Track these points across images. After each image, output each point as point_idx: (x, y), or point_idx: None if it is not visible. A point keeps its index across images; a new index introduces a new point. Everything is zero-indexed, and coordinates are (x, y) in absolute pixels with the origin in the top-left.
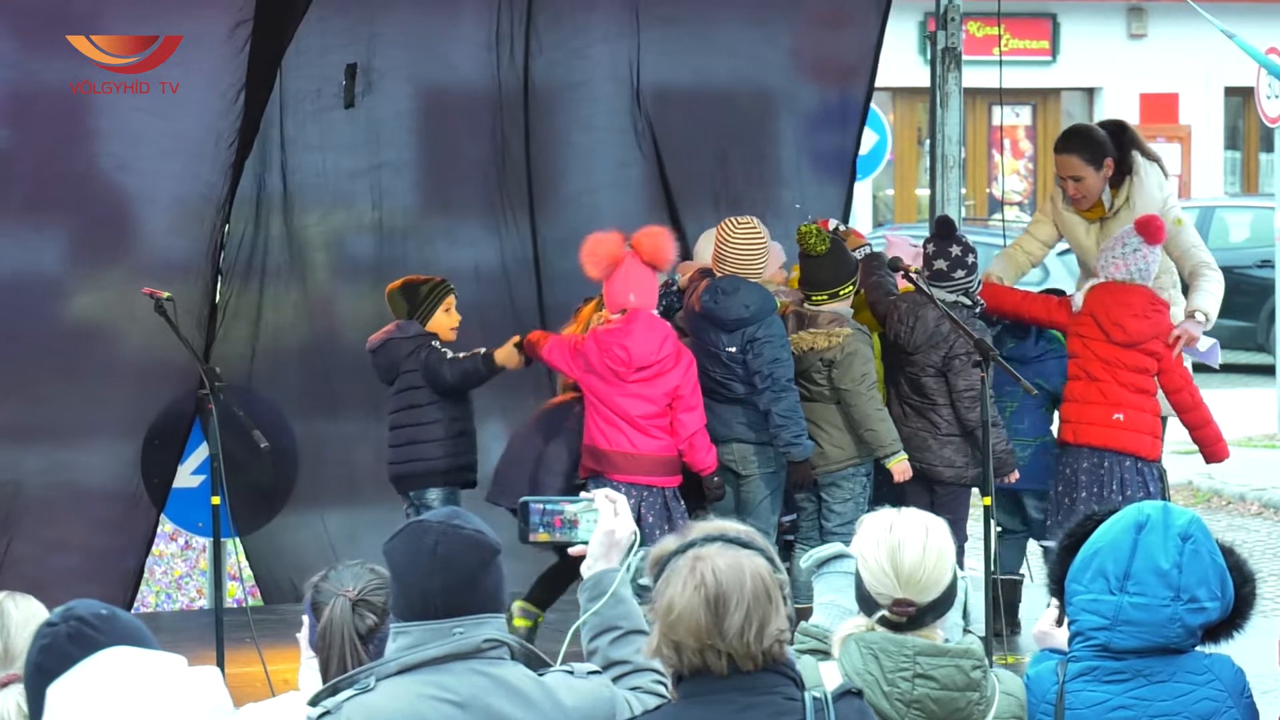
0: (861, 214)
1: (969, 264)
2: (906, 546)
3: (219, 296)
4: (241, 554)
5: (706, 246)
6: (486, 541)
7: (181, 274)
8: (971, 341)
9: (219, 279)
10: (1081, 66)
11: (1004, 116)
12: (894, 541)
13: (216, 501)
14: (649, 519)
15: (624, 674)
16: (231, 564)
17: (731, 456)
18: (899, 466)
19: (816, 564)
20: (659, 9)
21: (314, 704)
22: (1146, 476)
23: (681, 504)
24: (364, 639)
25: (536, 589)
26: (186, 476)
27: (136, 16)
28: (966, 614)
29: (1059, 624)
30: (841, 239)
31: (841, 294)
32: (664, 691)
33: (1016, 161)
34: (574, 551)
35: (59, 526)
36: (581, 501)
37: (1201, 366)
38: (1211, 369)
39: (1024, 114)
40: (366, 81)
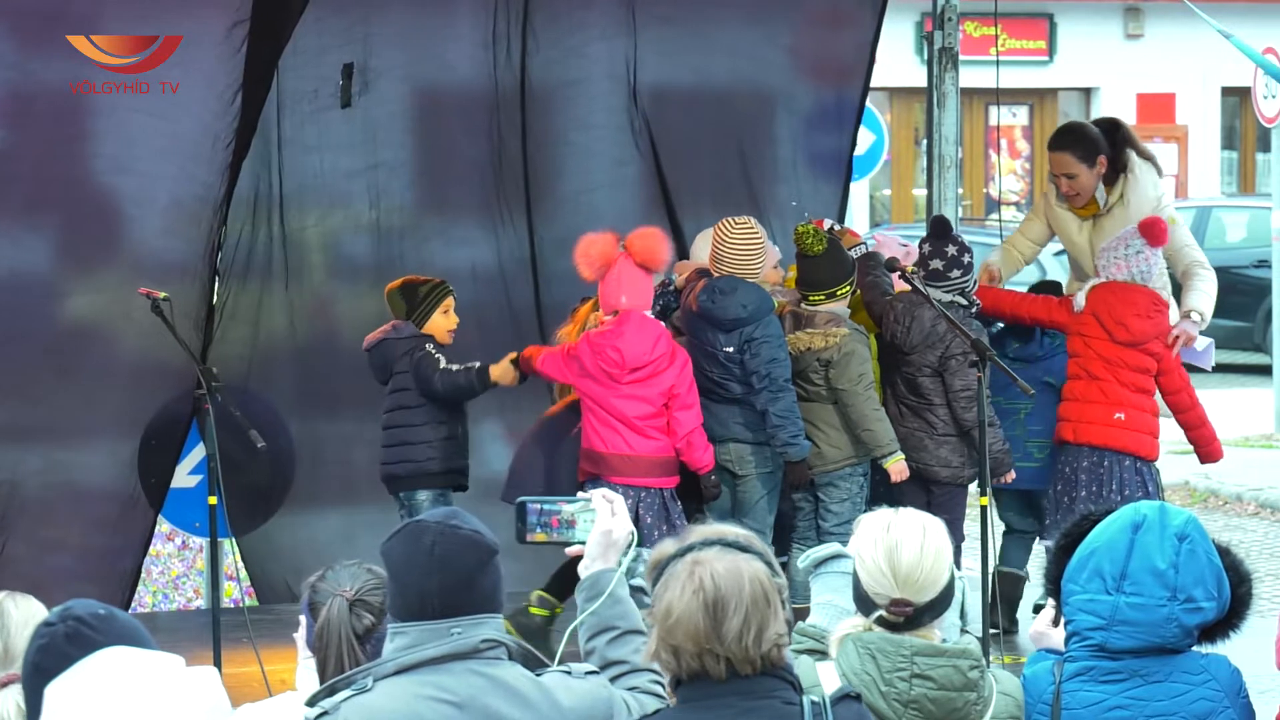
0: (859, 214)
1: (965, 264)
2: (904, 546)
3: (216, 298)
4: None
5: (704, 246)
6: (484, 542)
7: (179, 275)
8: (968, 341)
9: (216, 280)
10: (1078, 66)
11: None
12: (891, 541)
13: (213, 501)
14: (647, 520)
15: (621, 674)
16: (229, 564)
17: (728, 456)
18: (896, 466)
19: (814, 564)
20: (656, 8)
21: (311, 704)
22: (1145, 477)
23: (679, 504)
24: (361, 639)
25: (555, 581)
26: (183, 477)
27: (134, 17)
28: (964, 614)
29: (1055, 624)
30: (838, 239)
31: (839, 294)
32: (661, 691)
33: (1013, 161)
34: (571, 551)
35: (56, 527)
36: (579, 501)
37: (1191, 368)
38: (1202, 370)
39: (1021, 114)
40: (363, 81)
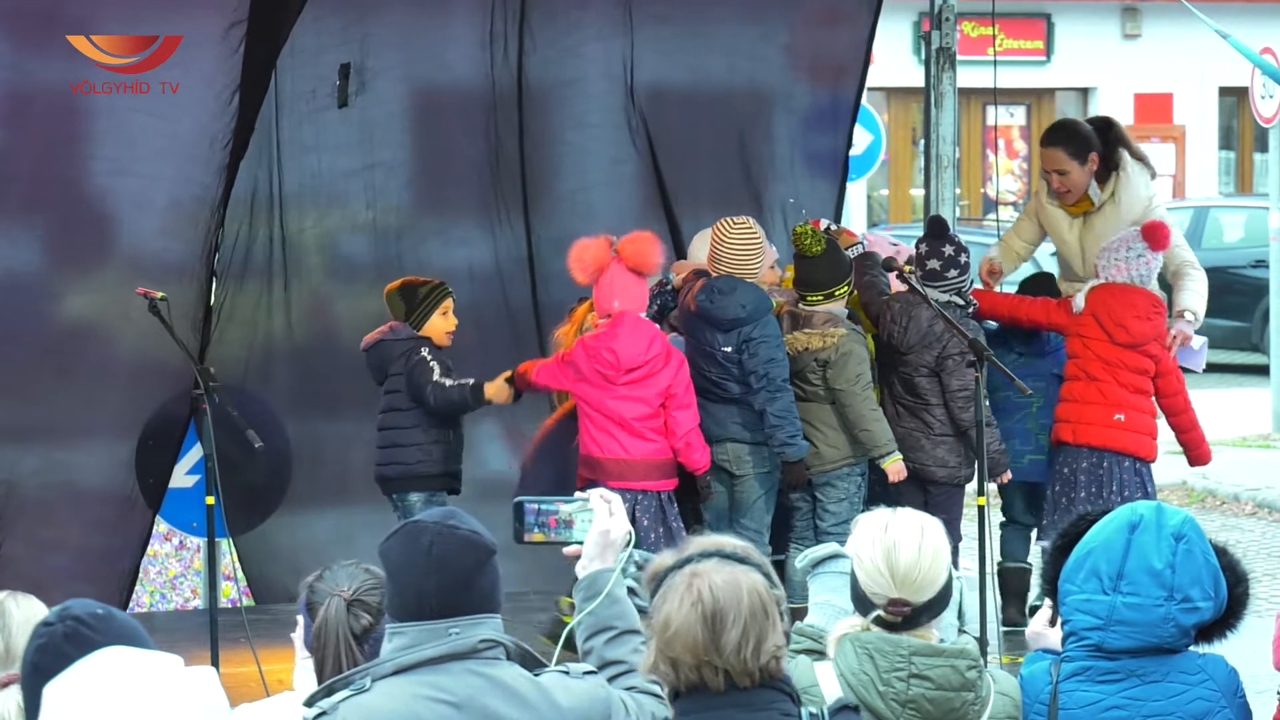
0: (856, 214)
1: (962, 264)
2: (902, 546)
3: (214, 298)
4: (236, 554)
5: (701, 246)
6: (482, 542)
7: (177, 276)
8: (965, 341)
9: (214, 281)
10: (1076, 66)
11: (998, 116)
12: (889, 541)
13: (211, 502)
14: (644, 522)
15: (619, 674)
16: (226, 564)
17: (726, 456)
18: (894, 467)
19: (811, 564)
20: (653, 7)
21: (309, 704)
22: (1144, 477)
23: (675, 507)
24: (359, 639)
25: None
26: (181, 477)
27: (132, 18)
28: (961, 614)
29: (1052, 624)
30: (835, 239)
31: (837, 294)
32: (659, 691)
33: (1011, 161)
34: (569, 551)
35: (54, 527)
36: (576, 501)
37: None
38: (1193, 371)
39: (1018, 114)
40: (360, 81)
